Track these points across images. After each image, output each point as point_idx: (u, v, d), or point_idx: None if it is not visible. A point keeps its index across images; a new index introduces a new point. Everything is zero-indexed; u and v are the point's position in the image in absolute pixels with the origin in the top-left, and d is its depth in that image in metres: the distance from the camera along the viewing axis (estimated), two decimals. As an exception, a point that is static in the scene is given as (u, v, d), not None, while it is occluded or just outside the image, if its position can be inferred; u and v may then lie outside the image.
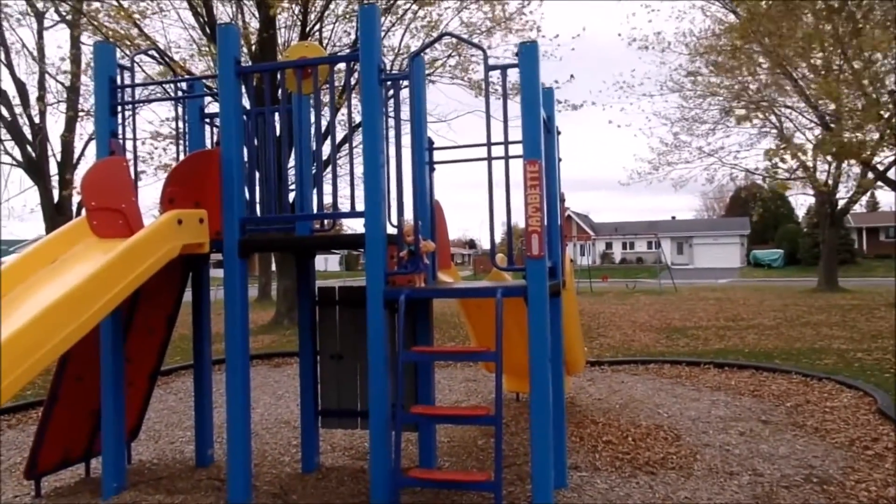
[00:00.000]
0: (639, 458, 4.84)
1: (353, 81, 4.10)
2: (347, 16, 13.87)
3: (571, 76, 14.55)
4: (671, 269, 26.37)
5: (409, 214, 3.90)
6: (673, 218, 62.70)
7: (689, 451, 5.01)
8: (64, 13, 13.83)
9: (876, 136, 12.91)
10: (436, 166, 4.72)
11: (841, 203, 20.94)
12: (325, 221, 4.71)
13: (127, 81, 4.45)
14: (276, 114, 4.25)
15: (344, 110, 16.06)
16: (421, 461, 4.59)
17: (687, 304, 17.47)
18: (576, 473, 4.58)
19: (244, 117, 4.22)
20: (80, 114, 14.78)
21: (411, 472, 3.54)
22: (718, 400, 6.65)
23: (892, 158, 16.45)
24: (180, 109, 4.85)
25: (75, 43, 14.28)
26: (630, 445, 5.13)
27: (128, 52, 10.64)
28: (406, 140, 3.95)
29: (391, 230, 3.83)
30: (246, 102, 4.56)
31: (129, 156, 4.43)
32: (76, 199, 15.36)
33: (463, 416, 3.71)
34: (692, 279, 31.54)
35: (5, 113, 14.77)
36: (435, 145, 4.72)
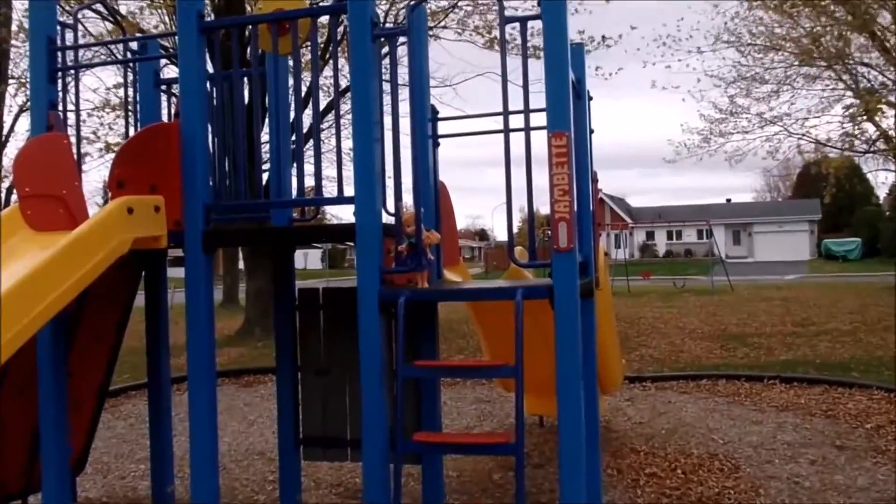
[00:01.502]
0: (689, 494, 4.85)
1: (339, 37, 4.09)
2: (330, -42, 13.89)
3: (604, 39, 14.49)
4: (726, 264, 26.33)
5: (408, 199, 3.90)
6: (728, 201, 62.63)
7: (751, 484, 5.02)
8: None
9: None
10: (440, 140, 4.72)
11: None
12: (307, 209, 4.71)
13: (69, 42, 4.45)
14: (247, 79, 4.24)
15: (328, 73, 16.09)
16: (425, 500, 4.60)
17: (746, 305, 17.45)
18: (613, 513, 4.60)
19: (208, 83, 4.22)
20: (11, 82, 14.83)
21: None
22: (785, 422, 6.66)
23: None
24: (131, 75, 4.86)
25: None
26: (679, 479, 5.15)
27: (68, 6, 10.64)
28: (404, 108, 3.95)
29: (387, 219, 3.83)
30: (210, 66, 4.57)
31: (71, 132, 4.44)
32: (6, 184, 15.44)
33: (476, 445, 3.73)
34: (752, 275, 31.50)
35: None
36: (439, 115, 4.72)
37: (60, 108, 4.40)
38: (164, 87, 4.87)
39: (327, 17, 4.46)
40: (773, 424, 6.61)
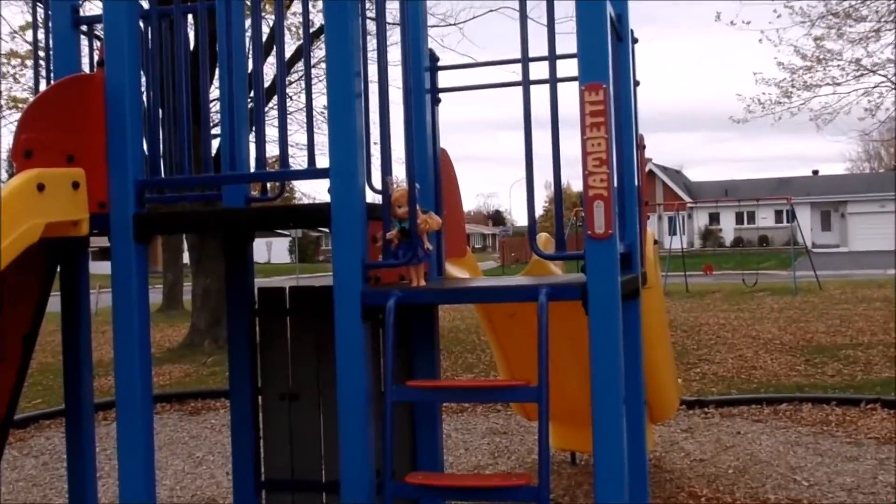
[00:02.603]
0: (764, 550, 4.88)
1: (309, -37, 4.09)
2: None
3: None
4: (812, 254, 26.35)
5: (399, 173, 3.91)
6: (815, 173, 62.58)
7: (843, 538, 5.04)
8: None
9: None
10: (441, 95, 4.72)
11: None
12: (269, 185, 4.71)
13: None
14: (192, 16, 4.24)
15: (297, 9, 16.02)
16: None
17: (837, 308, 17.46)
18: (665, 576, 4.62)
19: (141, 23, 4.22)
20: None
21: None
22: (889, 458, 6.68)
23: None
24: (41, 12, 4.86)
25: None
26: (750, 532, 5.17)
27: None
28: (394, 55, 3.95)
29: (371, 198, 3.84)
30: (144, 1, 4.56)
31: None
32: None
33: (488, 489, 3.72)
34: (845, 269, 31.47)
35: None
36: (440, 63, 4.71)
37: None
38: (84, 28, 4.87)
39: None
40: (872, 461, 6.63)
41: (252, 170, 4.39)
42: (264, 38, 9.82)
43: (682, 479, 6.40)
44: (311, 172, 3.91)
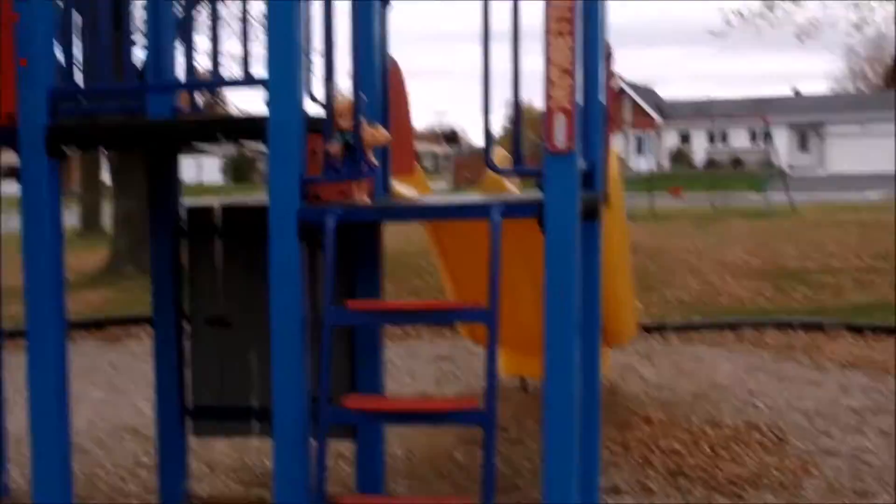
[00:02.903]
0: (717, 474, 5.13)
1: None
2: None
3: None
4: (787, 177, 26.74)
5: (344, 82, 3.92)
6: (796, 93, 62.99)
7: (800, 461, 5.32)
8: None
9: None
10: (394, 3, 4.69)
11: None
12: (198, 95, 4.67)
13: None
14: None
15: None
16: (359, 485, 4.78)
17: (811, 232, 17.86)
18: (614, 499, 4.86)
19: None
20: None
21: (343, 499, 3.69)
22: (851, 383, 6.98)
23: None
24: None
25: None
26: (704, 456, 5.43)
27: None
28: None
29: (313, 109, 3.86)
30: None
31: None
32: None
33: (431, 413, 3.83)
34: (821, 192, 32.02)
35: None
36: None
37: None
38: None
39: None
40: (835, 386, 6.92)
41: (179, 78, 4.37)
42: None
43: (637, 404, 6.63)
44: (247, 81, 3.91)
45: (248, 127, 4.05)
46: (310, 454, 3.86)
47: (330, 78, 3.79)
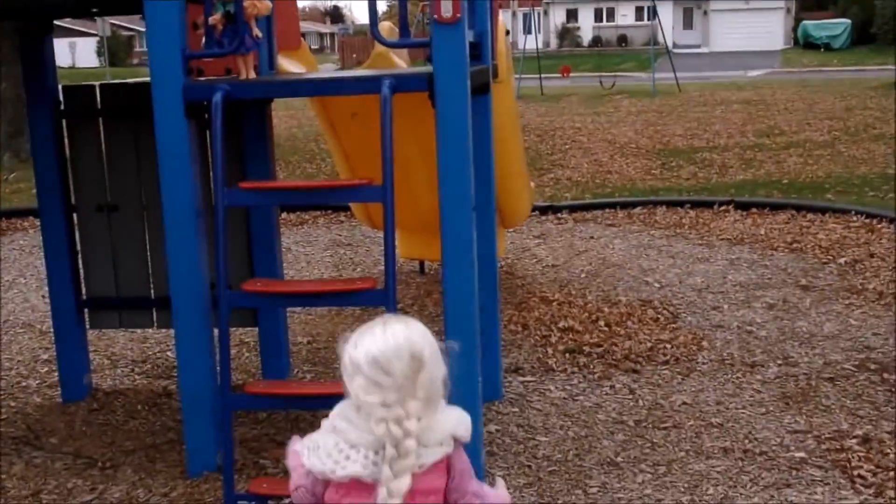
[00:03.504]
0: (614, 350, 5.26)
1: None
2: None
3: None
4: (673, 56, 27.06)
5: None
6: (680, -33, 63.16)
7: (692, 336, 5.49)
8: None
9: None
10: None
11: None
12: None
13: None
14: None
15: None
16: (265, 373, 4.75)
17: (696, 111, 18.20)
18: (517, 378, 4.94)
19: None
20: None
21: (249, 387, 3.68)
22: (739, 259, 7.20)
23: None
24: None
25: None
26: (601, 333, 5.54)
27: None
28: None
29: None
30: None
31: None
32: None
33: (331, 294, 3.82)
34: (706, 70, 32.60)
35: None
36: None
37: None
38: None
39: None
40: (723, 262, 7.13)
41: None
42: None
43: (533, 284, 6.71)
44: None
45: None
46: (212, 343, 3.81)
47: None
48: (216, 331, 3.71)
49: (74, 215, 4.73)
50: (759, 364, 5.03)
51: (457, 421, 2.02)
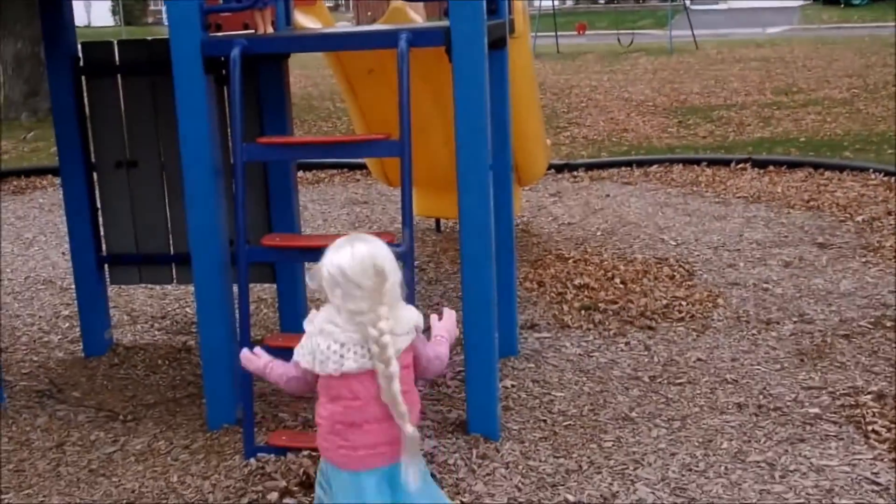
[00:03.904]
0: (630, 307, 5.27)
1: None
2: None
3: None
4: (690, 12, 26.78)
5: None
6: (698, -77, 62.25)
7: (707, 293, 5.49)
8: None
9: None
10: None
11: None
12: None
13: None
14: None
15: None
16: (283, 327, 4.80)
17: (714, 69, 18.03)
18: (532, 335, 4.96)
19: None
20: None
21: (268, 340, 3.71)
22: (756, 217, 7.18)
23: None
24: None
25: None
26: (617, 290, 5.55)
27: None
28: None
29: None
30: None
31: None
32: None
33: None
34: (723, 28, 32.24)
35: None
36: None
37: None
38: None
39: None
40: (739, 220, 7.11)
41: None
42: None
43: (549, 242, 6.72)
44: None
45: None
46: (231, 298, 3.85)
47: None
48: (235, 287, 3.76)
49: (94, 173, 4.76)
50: (775, 321, 5.04)
51: (416, 315, 2.60)
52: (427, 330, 2.71)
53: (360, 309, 2.42)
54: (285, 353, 2.68)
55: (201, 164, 3.66)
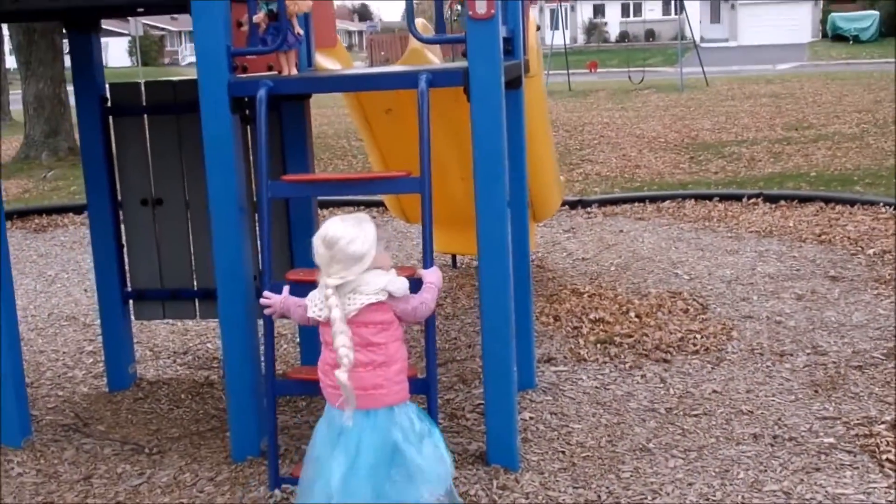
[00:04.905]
0: (645, 341, 5.32)
1: None
2: None
3: None
4: (700, 50, 26.95)
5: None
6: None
7: (721, 326, 5.53)
8: None
9: None
10: None
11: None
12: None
13: None
14: None
15: None
16: (304, 358, 4.85)
17: (724, 105, 18.15)
18: (550, 368, 5.01)
19: None
20: None
21: (292, 373, 3.77)
22: (768, 251, 7.23)
23: None
24: None
25: None
26: (632, 324, 5.60)
27: None
28: None
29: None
30: None
31: None
32: None
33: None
34: (734, 65, 32.43)
35: None
36: None
37: None
38: None
39: None
40: (752, 254, 7.16)
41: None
42: None
43: (564, 277, 6.78)
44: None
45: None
46: (256, 331, 3.91)
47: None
48: (259, 321, 3.82)
49: (121, 209, 4.85)
50: (789, 353, 5.08)
51: (388, 281, 3.11)
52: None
53: (322, 270, 3.06)
54: (310, 385, 2.74)
55: (228, 200, 3.74)
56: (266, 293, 3.39)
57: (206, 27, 3.60)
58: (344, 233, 3.05)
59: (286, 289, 3.36)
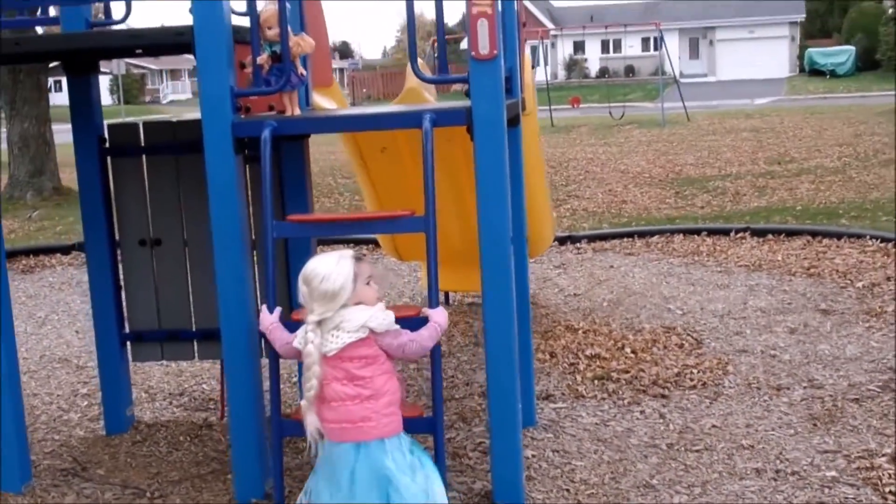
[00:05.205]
0: (642, 376, 5.32)
1: None
2: None
3: None
4: (680, 84, 27.23)
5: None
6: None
7: (717, 361, 5.55)
8: None
9: None
10: None
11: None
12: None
13: None
14: None
15: None
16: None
17: (706, 139, 18.33)
18: (548, 405, 5.01)
19: None
20: None
21: (298, 414, 3.75)
22: (758, 285, 7.27)
23: None
24: None
25: None
26: (628, 360, 5.61)
27: None
28: None
29: (236, 20, 3.79)
30: None
31: None
32: None
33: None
34: (713, 99, 32.81)
35: None
36: None
37: None
38: None
39: None
40: (742, 288, 7.20)
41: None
42: None
43: (557, 313, 6.79)
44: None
45: (174, 39, 3.95)
46: (259, 371, 3.89)
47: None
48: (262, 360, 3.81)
49: (118, 249, 4.82)
50: (785, 387, 5.10)
51: (369, 317, 3.14)
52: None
53: (307, 307, 3.17)
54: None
55: (232, 240, 3.74)
56: (265, 310, 3.48)
57: (210, 68, 3.62)
58: (319, 270, 3.14)
59: (277, 311, 3.45)
